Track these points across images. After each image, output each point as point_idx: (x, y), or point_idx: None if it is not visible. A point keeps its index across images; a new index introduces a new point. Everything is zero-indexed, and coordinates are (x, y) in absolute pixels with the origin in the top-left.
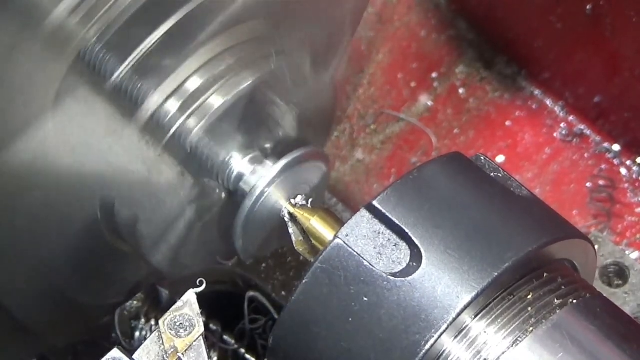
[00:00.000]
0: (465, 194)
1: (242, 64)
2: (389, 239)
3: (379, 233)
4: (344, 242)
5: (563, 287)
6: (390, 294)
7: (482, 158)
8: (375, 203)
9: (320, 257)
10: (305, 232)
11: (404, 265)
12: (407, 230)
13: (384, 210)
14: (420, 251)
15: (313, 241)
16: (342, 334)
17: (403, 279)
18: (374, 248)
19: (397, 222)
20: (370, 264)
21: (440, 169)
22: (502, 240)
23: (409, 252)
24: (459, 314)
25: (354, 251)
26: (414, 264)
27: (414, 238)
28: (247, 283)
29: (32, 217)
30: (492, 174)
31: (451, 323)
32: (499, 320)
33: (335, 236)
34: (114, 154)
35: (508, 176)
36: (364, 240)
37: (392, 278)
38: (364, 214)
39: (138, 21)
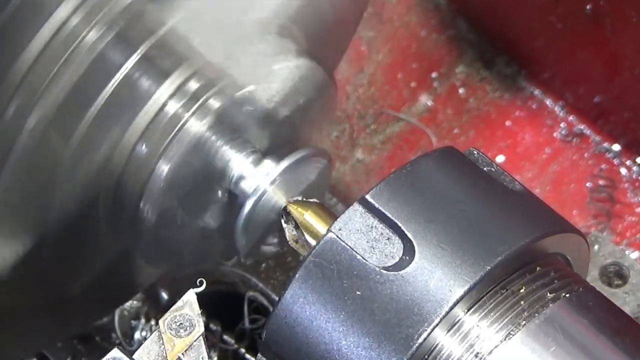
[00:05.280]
0: (458, 188)
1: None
2: (381, 233)
3: (371, 227)
4: (337, 236)
5: (556, 281)
6: (383, 287)
7: (475, 152)
8: (368, 197)
9: (313, 251)
10: (298, 227)
11: (397, 259)
12: (399, 224)
13: (376, 204)
14: (413, 245)
15: (306, 235)
16: (335, 327)
17: (396, 272)
18: (367, 242)
19: (389, 216)
20: (363, 258)
21: (433, 163)
22: (494, 234)
23: (402, 245)
24: (451, 308)
25: (347, 245)
26: (407, 257)
27: (406, 232)
28: (247, 283)
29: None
30: (485, 168)
31: (444, 317)
32: (492, 314)
33: (328, 230)
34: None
35: (501, 170)
36: (357, 234)
37: (384, 272)
38: (356, 208)
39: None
